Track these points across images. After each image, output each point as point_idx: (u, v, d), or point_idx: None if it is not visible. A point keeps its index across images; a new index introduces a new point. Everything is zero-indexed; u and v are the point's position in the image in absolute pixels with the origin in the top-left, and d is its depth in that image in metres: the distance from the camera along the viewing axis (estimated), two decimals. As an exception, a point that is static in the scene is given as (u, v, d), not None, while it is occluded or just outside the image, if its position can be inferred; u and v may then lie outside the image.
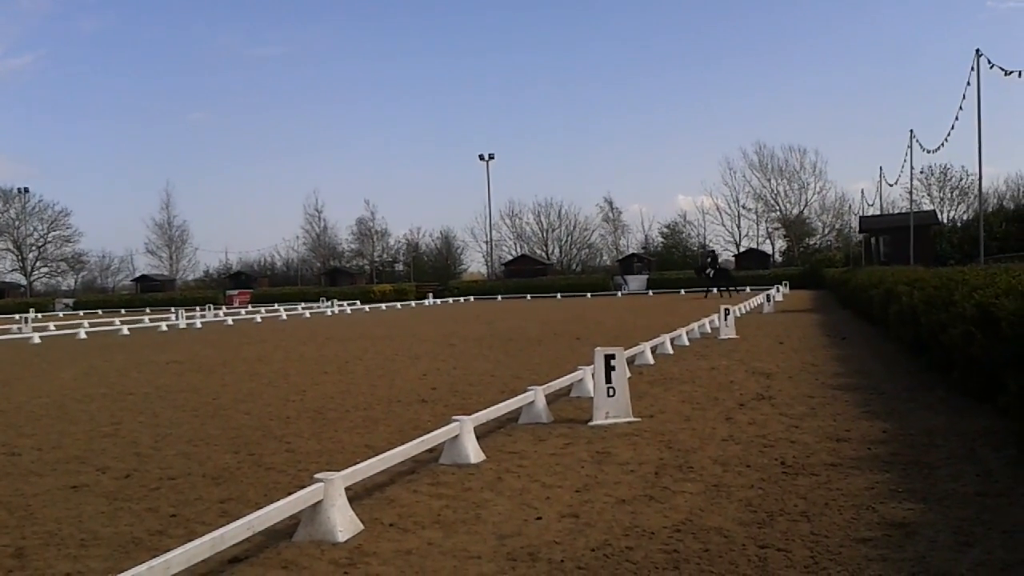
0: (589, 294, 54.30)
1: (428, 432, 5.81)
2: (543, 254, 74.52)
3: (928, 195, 64.67)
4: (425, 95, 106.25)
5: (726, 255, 71.39)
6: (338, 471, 4.45)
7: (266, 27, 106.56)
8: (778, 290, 36.65)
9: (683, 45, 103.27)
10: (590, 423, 7.09)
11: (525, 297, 54.27)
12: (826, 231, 70.37)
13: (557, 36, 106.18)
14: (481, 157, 67.56)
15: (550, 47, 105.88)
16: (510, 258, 71.83)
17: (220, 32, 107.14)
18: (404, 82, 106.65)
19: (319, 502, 4.16)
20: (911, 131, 32.12)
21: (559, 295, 54.05)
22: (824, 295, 37.13)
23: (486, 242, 73.09)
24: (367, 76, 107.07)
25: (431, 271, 72.06)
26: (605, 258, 75.36)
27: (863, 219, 49.25)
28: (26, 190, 75.85)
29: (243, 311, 42.16)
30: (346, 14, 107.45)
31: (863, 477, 5.01)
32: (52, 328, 28.44)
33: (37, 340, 22.69)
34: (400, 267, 75.15)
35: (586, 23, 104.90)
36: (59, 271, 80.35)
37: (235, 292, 65.19)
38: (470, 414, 6.21)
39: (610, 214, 74.78)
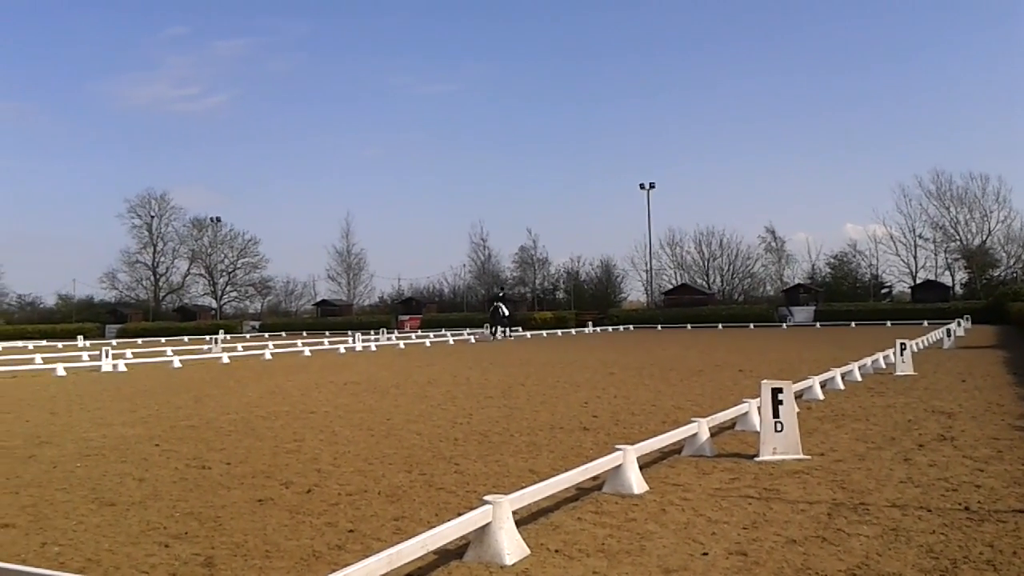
0: (752, 325, 52.62)
1: (591, 460, 5.87)
2: (704, 283, 72.92)
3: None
4: (588, 127, 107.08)
5: (901, 287, 67.46)
6: (506, 494, 4.56)
7: (435, 67, 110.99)
8: (959, 324, 34.29)
9: (852, 69, 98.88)
10: (756, 459, 6.93)
11: (685, 327, 53.29)
12: (1011, 262, 65.09)
13: (722, 66, 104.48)
14: (642, 186, 67.31)
15: (714, 77, 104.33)
16: (670, 287, 70.76)
17: (392, 73, 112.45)
18: (567, 117, 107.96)
19: (487, 524, 4.28)
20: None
21: (720, 325, 52.69)
22: (1010, 331, 34.40)
23: (646, 271, 72.56)
24: (530, 111, 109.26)
25: (591, 299, 72.03)
26: (768, 288, 72.88)
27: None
28: (218, 219, 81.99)
29: (413, 335, 43.77)
30: (510, 54, 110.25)
31: (1059, 528, 4.65)
32: (240, 349, 30.53)
33: (226, 360, 24.31)
34: (560, 295, 75.60)
35: (747, 53, 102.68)
36: (247, 295, 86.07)
37: (406, 317, 67.77)
38: (633, 443, 6.23)
39: (773, 243, 72.41)
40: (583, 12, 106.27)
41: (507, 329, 38.99)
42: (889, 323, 48.53)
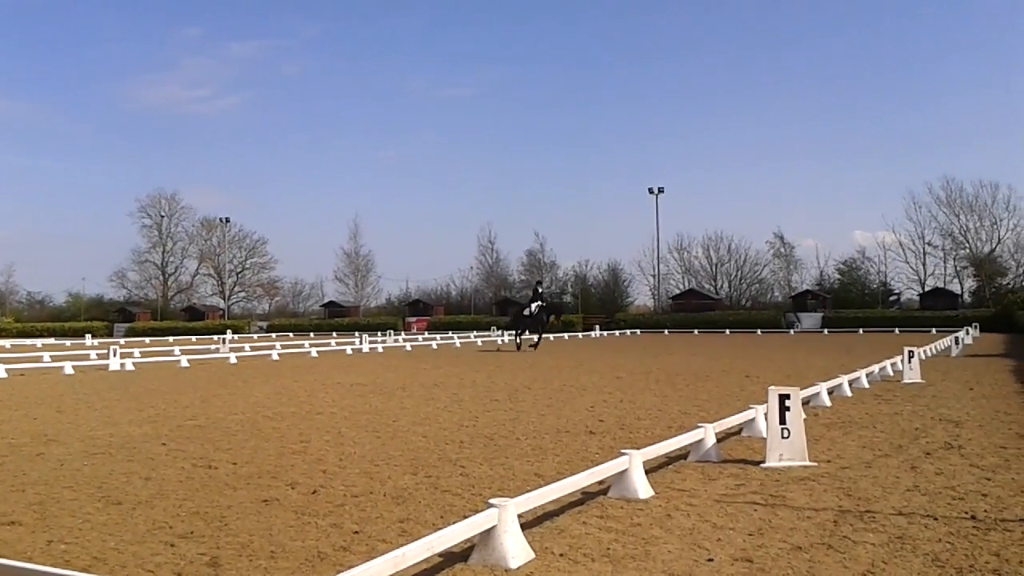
0: (759, 331, 52.57)
1: (597, 464, 5.87)
2: (711, 289, 72.95)
3: None
4: (597, 131, 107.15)
5: (909, 294, 67.35)
6: (511, 497, 4.56)
7: (448, 71, 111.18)
8: (967, 332, 34.20)
9: (863, 76, 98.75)
10: (763, 465, 6.91)
11: (692, 332, 53.25)
12: (1020, 271, 64.99)
13: (729, 70, 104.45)
14: (650, 191, 67.28)
15: (722, 81, 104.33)
16: (677, 292, 70.84)
17: (405, 76, 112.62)
18: (577, 121, 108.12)
19: (493, 527, 4.28)
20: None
21: (727, 331, 52.67)
22: (1018, 339, 34.36)
23: (653, 275, 72.55)
24: (541, 115, 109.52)
25: (598, 303, 72.10)
26: (776, 294, 72.90)
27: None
28: (227, 220, 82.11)
29: (420, 337, 43.87)
30: (523, 59, 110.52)
31: (1067, 539, 4.63)
32: (247, 349, 30.59)
33: (234, 360, 24.39)
34: (568, 298, 75.59)
35: (758, 60, 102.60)
36: (255, 296, 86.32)
37: (414, 319, 67.99)
38: (639, 448, 6.22)
39: (782, 249, 72.39)
40: (595, 18, 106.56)
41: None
42: (897, 330, 48.44)
